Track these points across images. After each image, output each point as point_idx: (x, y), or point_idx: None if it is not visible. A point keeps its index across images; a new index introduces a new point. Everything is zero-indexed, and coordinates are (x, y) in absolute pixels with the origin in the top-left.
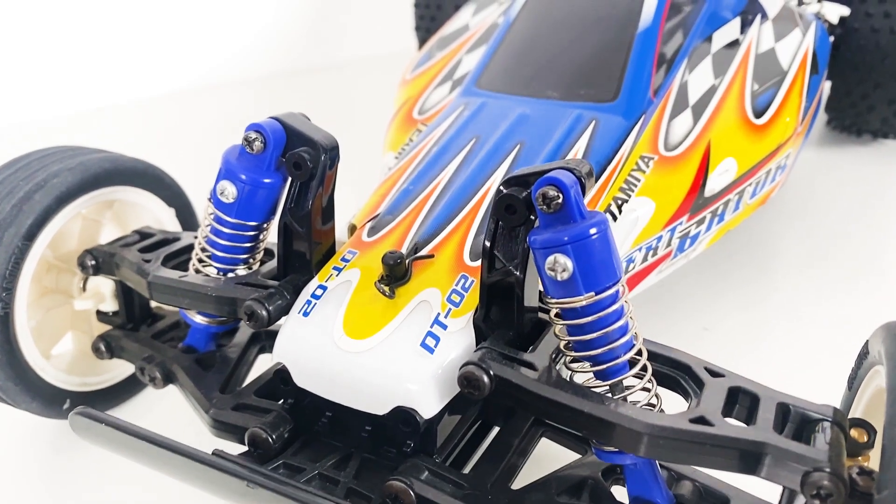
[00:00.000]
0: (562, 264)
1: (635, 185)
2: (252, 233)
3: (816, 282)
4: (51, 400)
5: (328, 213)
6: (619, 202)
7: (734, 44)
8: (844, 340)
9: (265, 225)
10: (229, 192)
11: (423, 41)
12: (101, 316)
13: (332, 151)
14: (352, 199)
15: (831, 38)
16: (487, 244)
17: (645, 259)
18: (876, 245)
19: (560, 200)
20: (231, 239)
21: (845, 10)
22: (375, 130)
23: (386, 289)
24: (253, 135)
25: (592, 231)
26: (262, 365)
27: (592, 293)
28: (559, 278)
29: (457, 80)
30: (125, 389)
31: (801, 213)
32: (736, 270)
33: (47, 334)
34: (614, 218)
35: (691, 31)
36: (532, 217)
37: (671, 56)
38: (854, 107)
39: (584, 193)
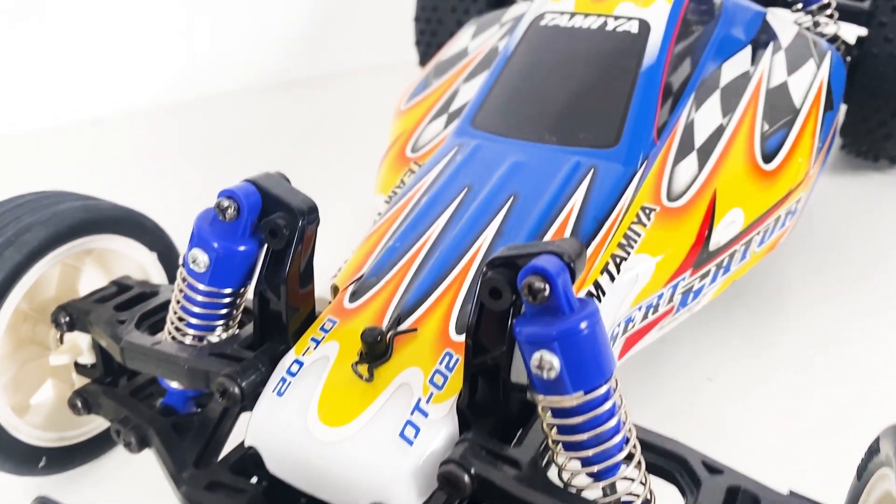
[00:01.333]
0: (548, 362)
1: (635, 241)
2: (228, 299)
3: (829, 325)
4: (25, 459)
5: (307, 276)
6: (618, 260)
7: (744, 76)
8: (860, 395)
9: (242, 290)
10: (201, 260)
11: (423, 56)
12: (80, 368)
13: (311, 215)
14: (350, 219)
15: (848, 59)
16: (471, 328)
17: (645, 317)
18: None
19: (546, 293)
20: (205, 306)
21: (863, 31)
22: (377, 141)
23: (364, 372)
24: (226, 202)
25: (582, 326)
26: (245, 422)
27: (581, 392)
28: (546, 377)
29: (452, 113)
30: (107, 440)
31: (812, 246)
32: (741, 312)
33: (22, 389)
34: (612, 278)
35: (700, 60)
36: (519, 300)
37: (678, 88)
38: (870, 134)
39: (573, 279)
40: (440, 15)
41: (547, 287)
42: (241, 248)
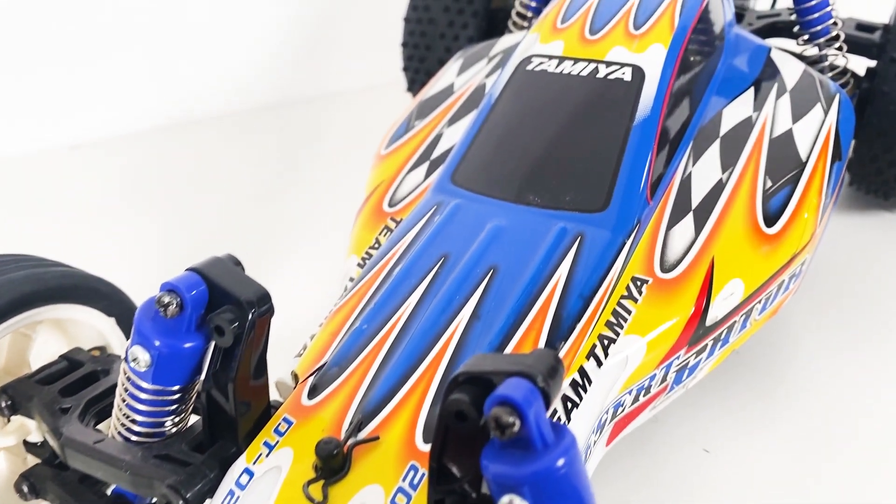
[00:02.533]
0: None
1: (625, 319)
2: (176, 396)
3: (839, 389)
4: None
5: (260, 369)
6: (606, 342)
7: (746, 123)
8: (872, 470)
9: (193, 383)
10: (142, 359)
11: (411, 82)
12: (29, 447)
13: (262, 307)
14: (333, 247)
15: (857, 92)
16: (435, 451)
17: (636, 400)
18: None
19: (516, 427)
20: (151, 404)
21: (872, 62)
22: (362, 164)
23: (317, 495)
24: (167, 297)
25: (559, 464)
26: None
27: None
28: None
29: (434, 160)
30: None
31: (817, 295)
32: (741, 376)
33: None
34: (599, 363)
35: (700, 102)
36: None
37: (675, 135)
38: (881, 174)
39: (548, 405)
40: (428, 41)
41: (517, 421)
42: (187, 344)
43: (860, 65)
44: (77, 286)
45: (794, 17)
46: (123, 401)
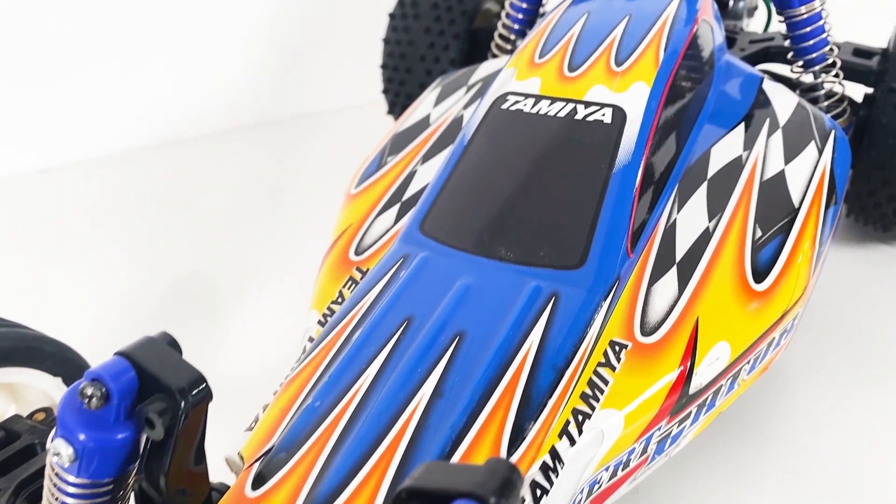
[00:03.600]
0: None
1: (601, 391)
2: (107, 488)
3: (837, 439)
4: None
5: (198, 457)
6: (580, 418)
7: (736, 164)
8: None
9: (126, 474)
10: (65, 454)
11: (392, 105)
12: None
13: (196, 395)
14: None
15: (853, 120)
16: None
17: (614, 475)
18: None
19: None
20: (81, 497)
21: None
22: (341, 187)
23: None
24: (89, 389)
25: None
26: None
27: None
28: None
29: (406, 201)
30: None
31: (814, 334)
32: (729, 433)
33: None
34: (572, 441)
35: (688, 139)
36: None
37: (660, 179)
38: (879, 207)
39: None
40: (408, 63)
41: None
42: (118, 436)
43: (857, 90)
44: (19, 348)
45: (787, 42)
46: (52, 494)
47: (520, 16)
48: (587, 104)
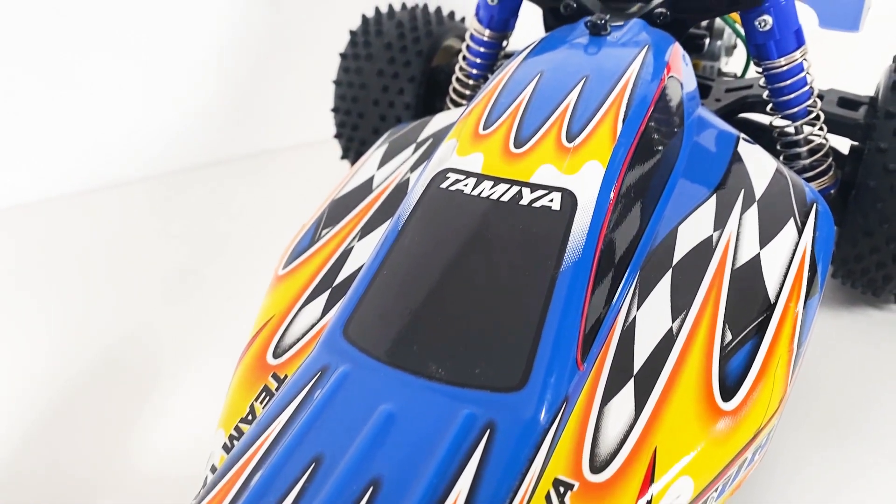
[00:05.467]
0: None
1: None
2: None
3: None
4: None
5: None
6: None
7: (705, 248)
8: None
9: None
10: None
11: (345, 150)
12: None
13: None
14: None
15: (839, 176)
16: None
17: None
18: None
19: None
20: None
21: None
22: (298, 220)
23: None
24: None
25: None
26: None
27: None
28: None
29: (337, 287)
30: None
31: (804, 405)
32: None
33: None
34: None
35: (651, 217)
36: None
37: (617, 268)
38: (867, 273)
39: None
40: (361, 108)
41: None
42: None
43: (844, 142)
44: None
45: (766, 94)
46: None
47: (478, 60)
48: (534, 187)
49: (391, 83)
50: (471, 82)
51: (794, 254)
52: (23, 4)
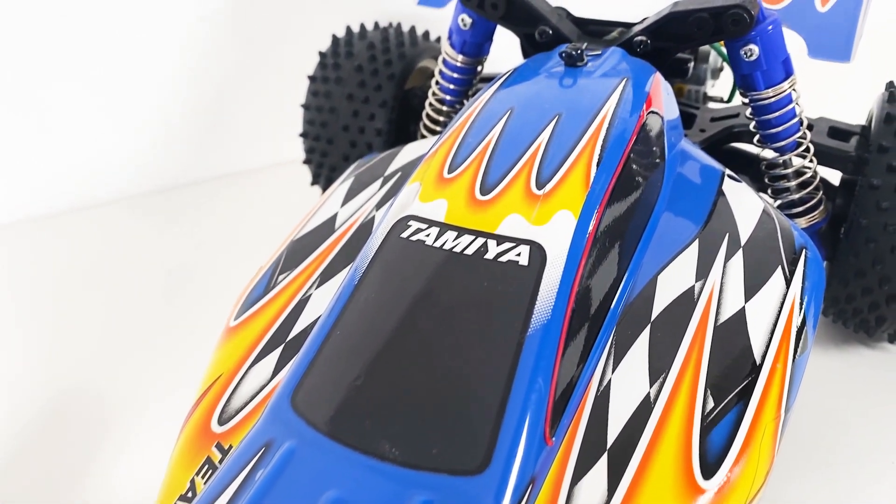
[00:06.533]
0: None
1: None
2: None
3: None
4: None
5: None
6: None
7: (686, 300)
8: None
9: None
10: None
11: (315, 176)
12: None
13: None
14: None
15: (829, 210)
16: None
17: None
18: None
19: None
20: None
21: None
22: (267, 245)
23: None
24: None
25: None
26: None
27: None
28: None
29: (291, 342)
30: None
31: (794, 448)
32: None
33: None
34: None
35: (630, 264)
36: None
37: (592, 324)
38: (859, 314)
39: None
40: (330, 133)
41: None
42: None
43: (834, 173)
44: None
45: (753, 126)
46: None
47: (451, 86)
48: (500, 239)
49: (361, 108)
50: (444, 108)
51: (781, 307)
52: None
